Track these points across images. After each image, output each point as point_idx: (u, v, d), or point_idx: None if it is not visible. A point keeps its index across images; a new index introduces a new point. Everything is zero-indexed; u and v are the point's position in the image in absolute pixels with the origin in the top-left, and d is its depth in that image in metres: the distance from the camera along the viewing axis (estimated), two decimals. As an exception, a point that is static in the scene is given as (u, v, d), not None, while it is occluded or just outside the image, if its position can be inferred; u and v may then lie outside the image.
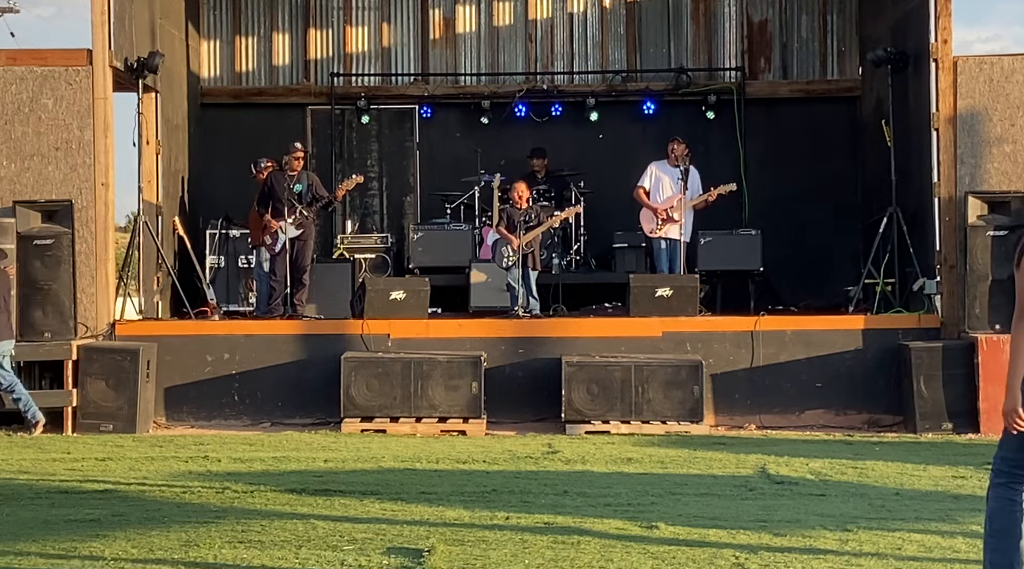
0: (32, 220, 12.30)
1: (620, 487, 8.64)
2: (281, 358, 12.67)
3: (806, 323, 12.82)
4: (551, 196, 15.48)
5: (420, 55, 17.08)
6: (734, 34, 16.99)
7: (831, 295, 14.84)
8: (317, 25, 17.06)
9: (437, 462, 9.85)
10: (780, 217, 15.82)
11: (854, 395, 12.42)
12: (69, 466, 9.61)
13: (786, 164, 16.35)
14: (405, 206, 17.01)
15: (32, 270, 12.12)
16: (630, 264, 15.18)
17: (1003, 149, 12.79)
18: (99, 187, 12.65)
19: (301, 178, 13.80)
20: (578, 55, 17.09)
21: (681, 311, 12.80)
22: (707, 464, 9.78)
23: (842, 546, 6.71)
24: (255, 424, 12.47)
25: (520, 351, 12.65)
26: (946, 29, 12.85)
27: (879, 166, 14.62)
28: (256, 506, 7.89)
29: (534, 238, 13.60)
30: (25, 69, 12.75)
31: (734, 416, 12.48)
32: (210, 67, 17.03)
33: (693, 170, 14.16)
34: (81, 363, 11.88)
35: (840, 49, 16.84)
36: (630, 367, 11.98)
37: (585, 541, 6.77)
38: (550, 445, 10.90)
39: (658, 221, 14.12)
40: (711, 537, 6.88)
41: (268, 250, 13.82)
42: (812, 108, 16.69)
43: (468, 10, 17.09)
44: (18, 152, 12.66)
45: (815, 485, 8.78)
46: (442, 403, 12.01)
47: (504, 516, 7.50)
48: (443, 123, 16.89)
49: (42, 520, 7.43)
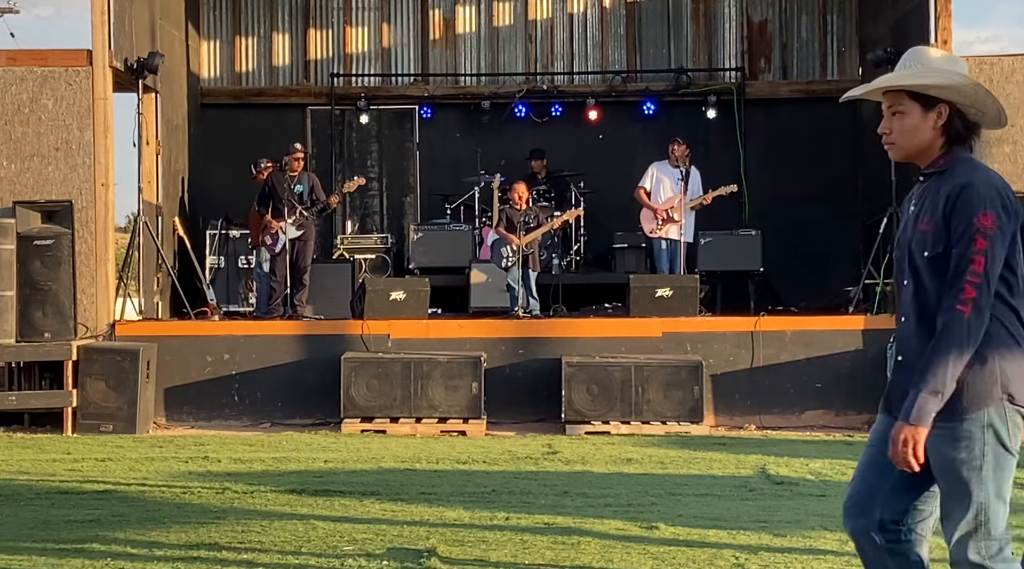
0: (32, 220, 12.29)
1: (620, 487, 8.63)
2: (281, 358, 12.67)
3: (806, 323, 12.82)
4: (551, 197, 15.49)
5: (420, 55, 17.09)
6: (734, 34, 17.00)
7: (831, 295, 14.84)
8: (317, 25, 17.07)
9: (437, 462, 9.85)
10: (780, 217, 15.82)
11: (854, 395, 12.42)
12: (69, 466, 9.60)
13: (786, 164, 16.35)
14: (405, 206, 17.02)
15: (32, 270, 12.11)
16: (630, 264, 15.19)
17: (1003, 149, 12.80)
18: (99, 187, 12.65)
19: (302, 179, 13.81)
20: (578, 55, 17.10)
21: (681, 311, 12.80)
22: (707, 464, 9.77)
23: (842, 546, 6.70)
24: (255, 424, 12.47)
25: (520, 351, 12.65)
26: (946, 29, 12.86)
27: (879, 166, 14.61)
28: (256, 506, 7.88)
29: (534, 239, 13.61)
30: (25, 69, 12.75)
31: (734, 416, 12.48)
32: (210, 67, 17.04)
33: (694, 171, 14.17)
34: (81, 363, 11.88)
35: (840, 49, 16.85)
36: (630, 367, 11.98)
37: (585, 541, 6.77)
38: (550, 445, 10.90)
39: (658, 221, 14.13)
40: (711, 537, 6.88)
41: (268, 250, 13.82)
42: (812, 108, 16.69)
43: (468, 10, 17.10)
44: (18, 152, 12.67)
45: (815, 485, 8.78)
46: (442, 403, 12.01)
47: (504, 516, 7.50)
48: (443, 123, 16.90)
49: (42, 520, 7.42)
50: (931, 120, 3.98)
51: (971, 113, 4.03)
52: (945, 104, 3.97)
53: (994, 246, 3.84)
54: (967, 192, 3.88)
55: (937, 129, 3.99)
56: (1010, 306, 3.94)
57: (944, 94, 3.96)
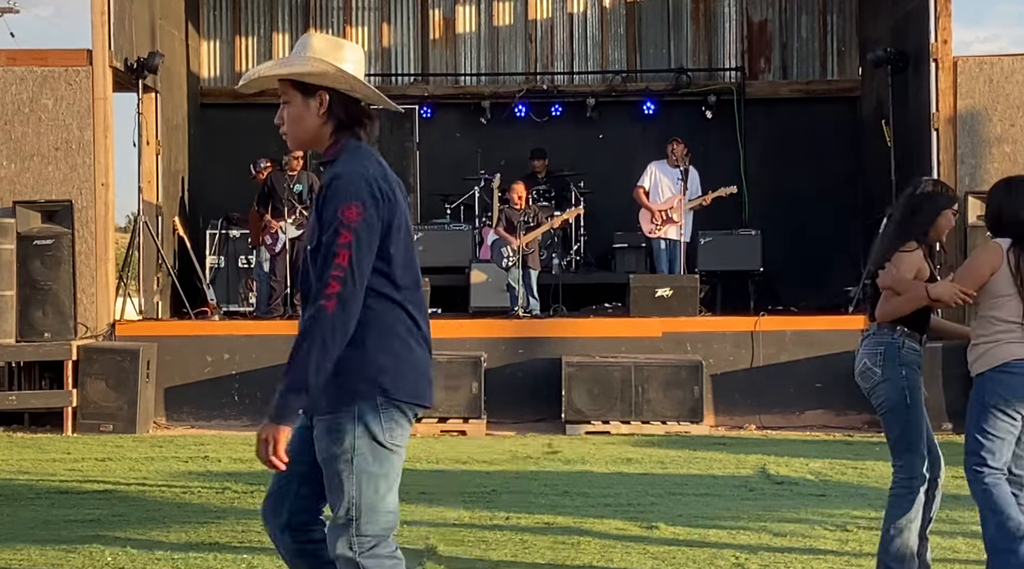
0: (32, 220, 12.30)
1: (620, 487, 8.64)
2: (281, 358, 12.42)
3: (806, 323, 12.82)
4: (551, 196, 15.48)
5: (420, 55, 17.09)
6: (734, 34, 16.99)
7: (831, 295, 14.84)
8: (317, 25, 17.05)
9: (437, 462, 9.85)
10: (780, 217, 15.82)
11: (854, 395, 12.22)
12: (69, 466, 9.60)
13: (786, 164, 16.35)
14: (405, 206, 17.00)
15: (32, 270, 12.11)
16: (630, 264, 15.19)
17: (1003, 149, 12.79)
18: (99, 187, 12.66)
19: (301, 178, 13.81)
20: (578, 55, 17.10)
21: (681, 311, 12.80)
22: (707, 464, 9.78)
23: (842, 546, 6.71)
24: (255, 424, 12.40)
25: (520, 351, 12.65)
26: (946, 29, 12.86)
27: (879, 166, 14.62)
28: (256, 506, 7.86)
29: (534, 239, 13.61)
30: (25, 69, 12.75)
31: (734, 416, 12.47)
32: (210, 67, 17.04)
33: (693, 170, 14.16)
34: (81, 363, 11.87)
35: (840, 49, 16.85)
36: (630, 367, 11.97)
37: (585, 541, 6.78)
38: (550, 445, 10.90)
39: (658, 221, 14.12)
40: (711, 537, 6.88)
41: (268, 250, 13.82)
42: (812, 108, 16.69)
43: (468, 10, 17.10)
44: (18, 152, 12.67)
45: (815, 485, 8.78)
46: (442, 403, 11.99)
47: (504, 516, 7.50)
48: (443, 123, 16.89)
49: (42, 520, 7.43)
50: (313, 108, 3.93)
51: (364, 100, 3.98)
52: (324, 91, 3.92)
53: (359, 239, 3.75)
54: (335, 184, 3.82)
55: (322, 117, 3.93)
56: (389, 299, 3.85)
57: (319, 81, 3.91)
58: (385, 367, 3.83)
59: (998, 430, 5.40)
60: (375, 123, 4.00)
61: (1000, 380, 5.40)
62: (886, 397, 5.64)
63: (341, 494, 3.84)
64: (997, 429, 5.40)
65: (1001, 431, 5.40)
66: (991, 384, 5.42)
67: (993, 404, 5.40)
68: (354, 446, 3.82)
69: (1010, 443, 5.44)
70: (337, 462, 3.83)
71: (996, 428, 5.39)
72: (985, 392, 5.44)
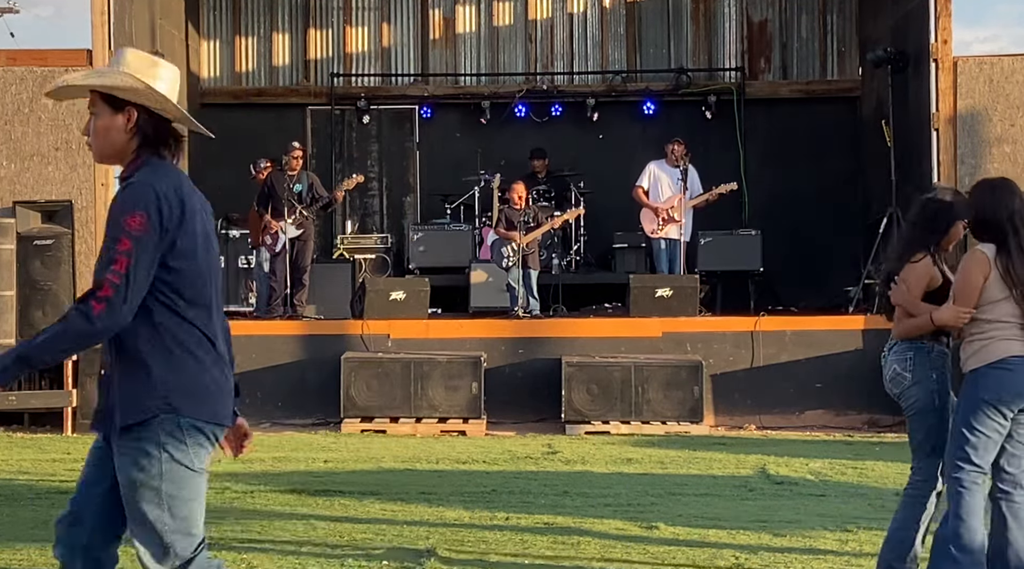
0: (32, 220, 12.30)
1: (620, 487, 8.64)
2: (281, 358, 12.66)
3: (806, 323, 12.82)
4: (551, 196, 15.48)
5: (420, 55, 17.09)
6: (734, 34, 16.99)
7: (831, 295, 14.83)
8: (317, 25, 17.06)
9: (437, 462, 9.85)
10: (780, 217, 15.81)
11: (854, 395, 12.40)
12: (69, 466, 9.60)
13: (786, 164, 16.35)
14: (405, 206, 17.01)
15: (32, 270, 12.12)
16: (630, 264, 15.19)
17: (1003, 149, 12.79)
18: (99, 187, 12.65)
19: (301, 178, 13.81)
20: (578, 55, 17.10)
21: (681, 311, 12.80)
22: (707, 464, 9.78)
23: (842, 546, 6.71)
24: (255, 424, 12.45)
25: (520, 351, 12.64)
26: (946, 29, 12.85)
27: (879, 166, 14.61)
28: (256, 506, 7.89)
29: (534, 239, 13.61)
30: (25, 69, 12.75)
31: (734, 416, 12.47)
32: (210, 67, 17.03)
33: (692, 170, 14.15)
34: (81, 363, 11.87)
35: (840, 49, 16.85)
36: (630, 367, 11.97)
37: (585, 541, 6.78)
38: (550, 445, 10.90)
39: (658, 221, 14.12)
40: (711, 537, 6.88)
41: (268, 250, 13.82)
42: (812, 108, 16.69)
43: (468, 10, 17.10)
44: (18, 152, 12.66)
45: (815, 485, 8.78)
46: (442, 403, 12.00)
47: (504, 516, 7.50)
48: (443, 123, 16.89)
49: (42, 520, 7.42)
50: (120, 122, 3.88)
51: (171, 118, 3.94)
52: (133, 107, 3.87)
53: (139, 247, 3.71)
54: (124, 191, 3.80)
55: (129, 132, 3.88)
56: (179, 315, 3.82)
57: (128, 96, 3.86)
58: (176, 386, 3.82)
59: (986, 427, 5.39)
60: (182, 143, 3.97)
61: (995, 376, 5.40)
62: (916, 398, 5.66)
63: (149, 521, 3.82)
64: (985, 426, 5.39)
65: (988, 429, 5.39)
66: (985, 379, 5.42)
67: (986, 399, 5.39)
68: (160, 471, 3.80)
69: (996, 443, 5.42)
70: (139, 488, 3.81)
71: (984, 425, 5.39)
72: (978, 387, 5.43)
